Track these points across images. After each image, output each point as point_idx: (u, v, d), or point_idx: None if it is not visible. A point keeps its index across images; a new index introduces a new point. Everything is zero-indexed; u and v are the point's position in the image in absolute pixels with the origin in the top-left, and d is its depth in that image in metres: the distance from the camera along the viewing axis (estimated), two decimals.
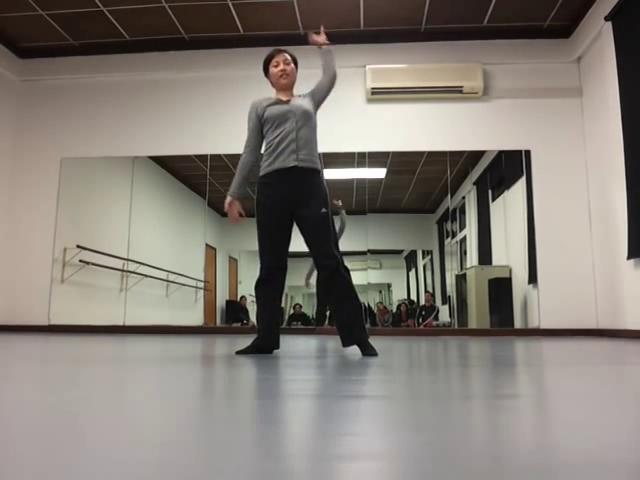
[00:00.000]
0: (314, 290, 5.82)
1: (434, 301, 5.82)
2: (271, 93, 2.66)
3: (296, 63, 2.67)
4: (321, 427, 0.85)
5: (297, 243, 2.61)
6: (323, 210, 2.41)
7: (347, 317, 2.41)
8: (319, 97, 2.63)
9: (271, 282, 2.47)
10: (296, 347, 3.12)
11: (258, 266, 2.53)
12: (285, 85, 2.57)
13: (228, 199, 2.58)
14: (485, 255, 5.65)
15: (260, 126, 2.56)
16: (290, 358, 2.27)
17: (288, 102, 2.54)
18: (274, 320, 2.50)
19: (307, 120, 2.50)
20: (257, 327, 2.51)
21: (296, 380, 1.53)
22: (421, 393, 1.27)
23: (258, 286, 2.49)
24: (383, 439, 0.77)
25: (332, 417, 0.94)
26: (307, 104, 2.55)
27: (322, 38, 2.60)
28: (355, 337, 2.40)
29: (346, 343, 2.43)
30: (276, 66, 2.58)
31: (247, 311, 6.01)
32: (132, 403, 1.10)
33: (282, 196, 2.44)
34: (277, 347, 2.50)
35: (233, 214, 2.58)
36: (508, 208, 5.67)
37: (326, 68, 2.62)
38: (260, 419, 0.92)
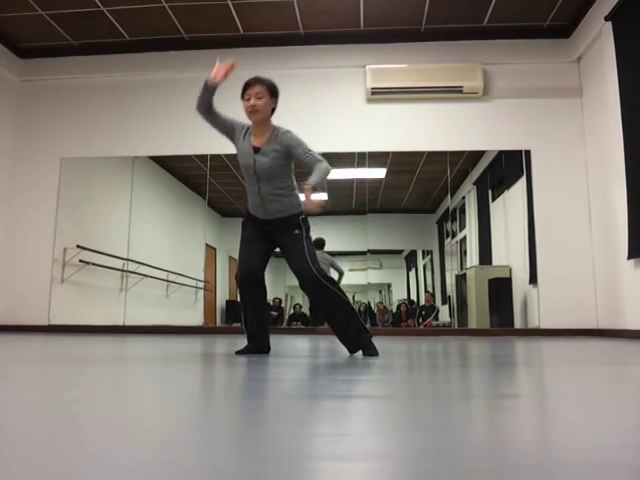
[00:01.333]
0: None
1: (434, 301, 5.82)
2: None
3: (273, 93, 2.45)
4: (321, 427, 0.85)
5: None
6: (296, 232, 2.44)
7: (342, 328, 2.42)
8: (296, 159, 2.43)
9: (248, 288, 2.48)
10: (296, 347, 3.12)
11: None
12: (255, 122, 2.44)
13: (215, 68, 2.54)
14: (485, 255, 5.65)
15: (226, 127, 2.62)
16: (290, 358, 2.27)
17: (257, 151, 2.43)
18: (259, 322, 2.50)
19: (271, 177, 2.41)
20: (245, 332, 2.52)
21: (296, 380, 1.53)
22: (421, 393, 1.27)
23: (239, 293, 2.52)
24: (383, 439, 0.77)
25: (332, 417, 0.94)
26: (273, 159, 2.38)
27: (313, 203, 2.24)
28: (356, 344, 2.42)
29: (351, 351, 2.45)
30: (248, 100, 2.42)
31: None
32: (132, 403, 1.10)
33: (261, 229, 2.52)
34: (268, 350, 2.50)
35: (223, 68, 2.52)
36: (508, 208, 5.67)
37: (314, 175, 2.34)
38: (260, 419, 0.92)
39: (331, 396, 1.20)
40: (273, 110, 2.48)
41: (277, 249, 2.57)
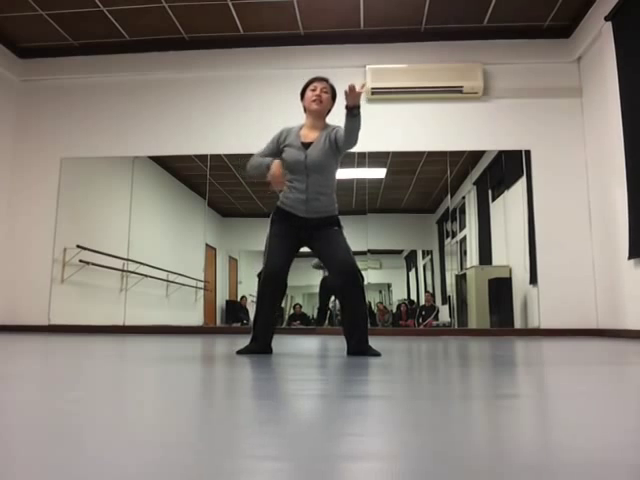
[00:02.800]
0: (316, 290, 5.84)
1: (434, 301, 5.82)
2: (302, 119, 2.62)
3: (334, 96, 2.58)
4: (321, 427, 0.85)
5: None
6: (335, 228, 2.49)
7: (356, 330, 2.43)
8: (337, 145, 2.49)
9: (271, 286, 2.47)
10: (296, 347, 3.12)
11: (258, 266, 2.54)
12: (316, 111, 2.50)
13: (275, 162, 2.49)
14: (485, 255, 5.65)
15: (277, 151, 2.57)
16: (290, 358, 2.27)
17: (308, 146, 2.47)
18: (269, 323, 2.49)
19: (321, 171, 2.47)
20: (252, 329, 2.50)
21: (296, 380, 1.53)
22: (421, 393, 1.27)
23: (260, 289, 2.50)
24: (383, 439, 0.77)
25: (332, 417, 0.94)
26: (324, 153, 2.45)
27: (356, 94, 2.27)
28: (360, 349, 2.41)
29: (352, 353, 2.45)
30: (313, 90, 2.53)
31: (247, 311, 6.00)
32: (132, 403, 1.10)
33: (292, 226, 2.51)
34: (270, 351, 2.50)
35: (277, 176, 2.49)
36: (508, 208, 5.67)
37: (348, 136, 2.39)
38: (260, 419, 0.92)
39: (331, 396, 1.20)
40: (328, 112, 2.58)
41: (304, 248, 2.56)
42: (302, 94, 2.62)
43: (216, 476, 0.58)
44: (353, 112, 2.31)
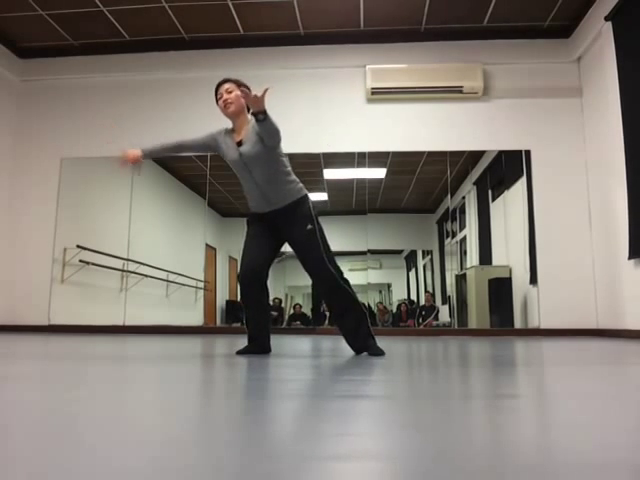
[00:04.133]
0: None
1: (434, 301, 5.82)
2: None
3: (241, 84, 2.47)
4: (321, 427, 0.85)
5: None
6: (308, 227, 2.43)
7: (351, 329, 2.44)
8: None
9: (248, 290, 2.46)
10: (296, 347, 3.12)
11: None
12: (233, 113, 2.46)
13: (134, 151, 2.58)
14: (485, 255, 5.65)
15: (207, 147, 2.60)
16: (290, 358, 2.27)
17: (240, 143, 2.45)
18: (260, 323, 2.49)
19: (261, 163, 2.41)
20: (247, 331, 2.51)
21: (296, 380, 1.53)
22: (421, 393, 1.27)
23: (240, 294, 2.50)
24: (383, 439, 0.77)
25: (332, 417, 0.94)
26: (257, 145, 2.38)
27: (257, 99, 2.21)
28: (362, 346, 2.43)
29: (356, 351, 2.46)
30: (220, 98, 2.48)
31: None
32: (132, 403, 1.10)
33: (267, 226, 2.50)
34: (269, 351, 2.50)
35: (128, 155, 2.57)
36: (508, 208, 5.66)
37: (266, 139, 2.34)
38: (260, 419, 0.92)
39: (331, 396, 1.20)
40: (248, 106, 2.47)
41: (285, 245, 2.55)
42: (217, 102, 2.55)
43: (216, 476, 0.58)
44: (258, 117, 2.25)
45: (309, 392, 1.28)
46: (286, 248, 2.58)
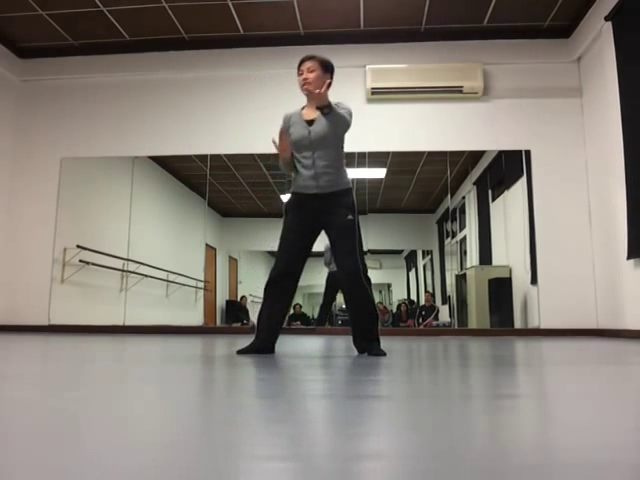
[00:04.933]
0: (317, 290, 5.83)
1: (434, 301, 5.82)
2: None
3: (326, 67, 2.53)
4: (321, 427, 0.85)
5: None
6: (349, 217, 2.47)
7: (363, 330, 2.46)
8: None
9: (278, 284, 2.47)
10: (296, 347, 3.12)
11: (258, 266, 2.54)
12: (309, 93, 2.48)
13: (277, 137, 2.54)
14: (485, 255, 5.65)
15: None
16: (290, 358, 2.27)
17: (312, 122, 2.49)
18: (274, 320, 2.50)
19: (326, 146, 2.48)
20: (256, 327, 2.50)
21: (296, 380, 1.53)
22: (421, 393, 1.27)
23: (266, 286, 2.49)
24: (383, 439, 0.77)
25: (332, 417, 0.94)
26: (328, 128, 2.46)
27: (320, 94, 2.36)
28: (368, 346, 2.45)
29: (360, 351, 2.48)
30: (300, 75, 2.52)
31: (247, 311, 6.01)
32: (132, 403, 1.10)
33: (308, 213, 2.51)
34: (272, 352, 2.50)
35: (282, 141, 2.53)
36: (508, 208, 5.67)
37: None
38: (260, 419, 0.92)
39: (331, 396, 1.20)
40: (329, 85, 2.50)
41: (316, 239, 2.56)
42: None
43: (217, 476, 0.58)
44: (324, 111, 2.39)
45: (309, 392, 1.28)
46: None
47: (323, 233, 2.56)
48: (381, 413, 0.99)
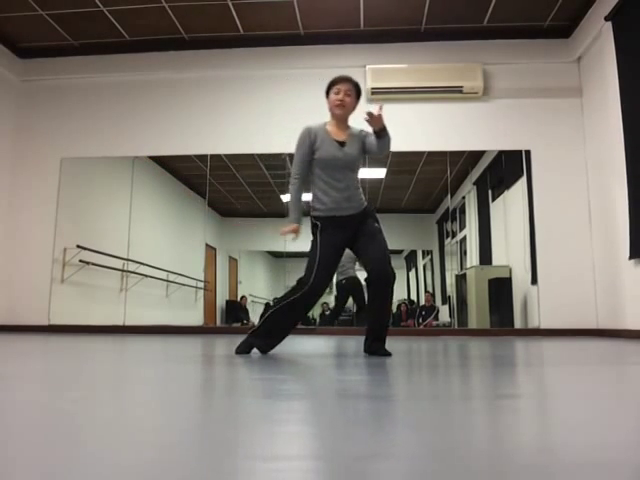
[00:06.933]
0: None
1: (434, 301, 5.82)
2: (325, 117, 2.61)
3: (359, 94, 2.57)
4: (321, 427, 0.85)
5: (301, 244, 2.64)
6: (377, 225, 2.54)
7: (377, 330, 2.46)
8: (367, 151, 2.58)
9: (308, 299, 2.44)
10: (296, 347, 3.12)
11: (258, 266, 2.54)
12: (339, 116, 2.51)
13: (294, 226, 2.51)
14: (485, 255, 5.65)
15: (311, 156, 2.51)
16: (290, 358, 2.27)
17: (343, 144, 2.50)
18: (286, 332, 2.49)
19: (355, 168, 2.54)
20: (263, 327, 2.45)
21: (296, 380, 1.53)
22: (421, 393, 1.27)
23: (296, 298, 2.41)
24: (383, 439, 0.77)
25: (332, 417, 0.94)
26: (357, 150, 2.52)
27: (378, 116, 2.37)
28: (376, 347, 2.44)
29: (370, 353, 2.46)
30: (337, 93, 2.50)
31: (247, 311, 6.01)
32: (132, 403, 1.10)
33: (346, 232, 2.52)
34: (266, 352, 2.49)
35: (293, 232, 2.53)
36: (508, 208, 5.66)
37: (381, 150, 2.51)
38: (259, 419, 0.92)
39: (331, 396, 1.20)
40: (352, 109, 2.57)
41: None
42: (327, 92, 2.57)
43: (217, 476, 0.58)
44: (381, 134, 2.42)
45: (308, 392, 1.28)
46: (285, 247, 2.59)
47: None
48: (381, 413, 0.99)
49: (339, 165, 2.47)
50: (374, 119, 2.35)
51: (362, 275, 5.66)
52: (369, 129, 2.49)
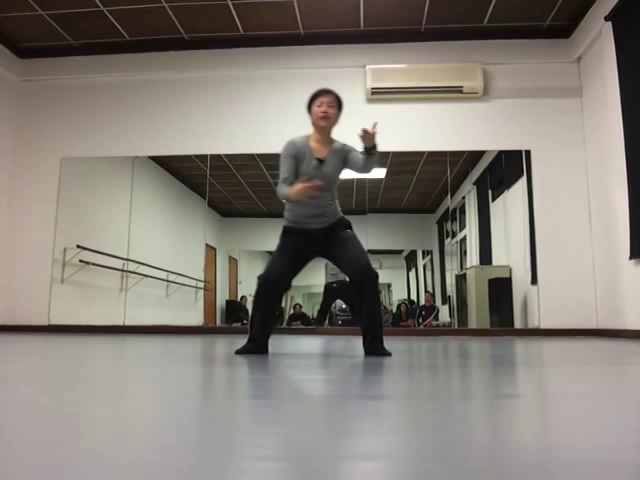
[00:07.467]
0: (316, 290, 5.83)
1: (434, 301, 5.82)
2: (308, 129, 2.59)
3: (341, 106, 2.56)
4: (321, 427, 0.85)
5: None
6: (349, 231, 2.54)
7: (371, 330, 2.46)
8: (349, 167, 2.55)
9: (268, 288, 2.48)
10: (296, 347, 3.12)
11: (258, 266, 2.55)
12: (323, 128, 2.51)
13: (301, 185, 2.40)
14: (485, 255, 5.65)
15: (296, 165, 2.50)
16: (289, 358, 2.27)
17: (322, 162, 2.48)
18: (266, 322, 2.50)
19: (331, 184, 2.53)
20: (249, 329, 2.51)
21: (295, 380, 1.53)
22: (421, 393, 1.27)
23: (257, 290, 2.50)
24: (383, 439, 0.77)
25: (332, 417, 0.94)
26: (335, 167, 2.51)
27: (372, 134, 2.37)
28: (373, 349, 2.45)
29: (369, 353, 2.46)
30: (319, 106, 2.50)
31: (247, 311, 6.01)
32: (132, 403, 1.10)
33: (309, 241, 2.53)
34: (266, 352, 2.50)
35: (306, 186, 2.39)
36: (508, 208, 5.67)
37: (366, 168, 2.49)
38: (259, 419, 0.92)
39: (330, 396, 1.20)
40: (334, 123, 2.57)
41: (316, 258, 2.59)
42: (309, 107, 2.57)
43: (217, 476, 0.58)
44: (371, 152, 2.40)
45: (308, 392, 1.28)
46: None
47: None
48: (381, 413, 0.99)
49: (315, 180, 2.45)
50: (368, 136, 2.36)
51: None
52: (356, 145, 2.49)
